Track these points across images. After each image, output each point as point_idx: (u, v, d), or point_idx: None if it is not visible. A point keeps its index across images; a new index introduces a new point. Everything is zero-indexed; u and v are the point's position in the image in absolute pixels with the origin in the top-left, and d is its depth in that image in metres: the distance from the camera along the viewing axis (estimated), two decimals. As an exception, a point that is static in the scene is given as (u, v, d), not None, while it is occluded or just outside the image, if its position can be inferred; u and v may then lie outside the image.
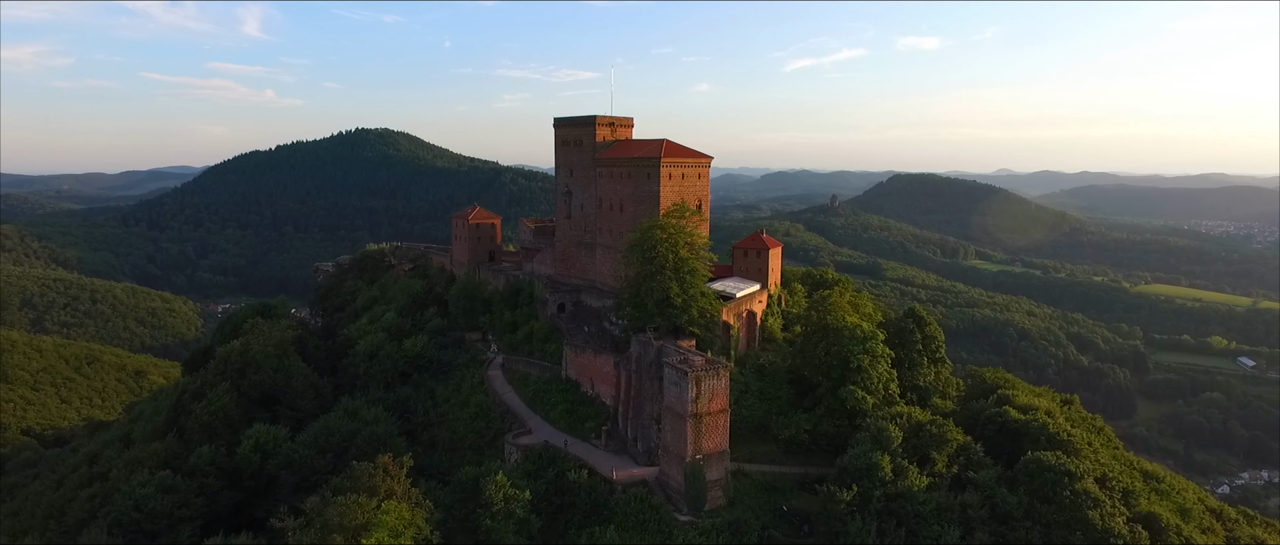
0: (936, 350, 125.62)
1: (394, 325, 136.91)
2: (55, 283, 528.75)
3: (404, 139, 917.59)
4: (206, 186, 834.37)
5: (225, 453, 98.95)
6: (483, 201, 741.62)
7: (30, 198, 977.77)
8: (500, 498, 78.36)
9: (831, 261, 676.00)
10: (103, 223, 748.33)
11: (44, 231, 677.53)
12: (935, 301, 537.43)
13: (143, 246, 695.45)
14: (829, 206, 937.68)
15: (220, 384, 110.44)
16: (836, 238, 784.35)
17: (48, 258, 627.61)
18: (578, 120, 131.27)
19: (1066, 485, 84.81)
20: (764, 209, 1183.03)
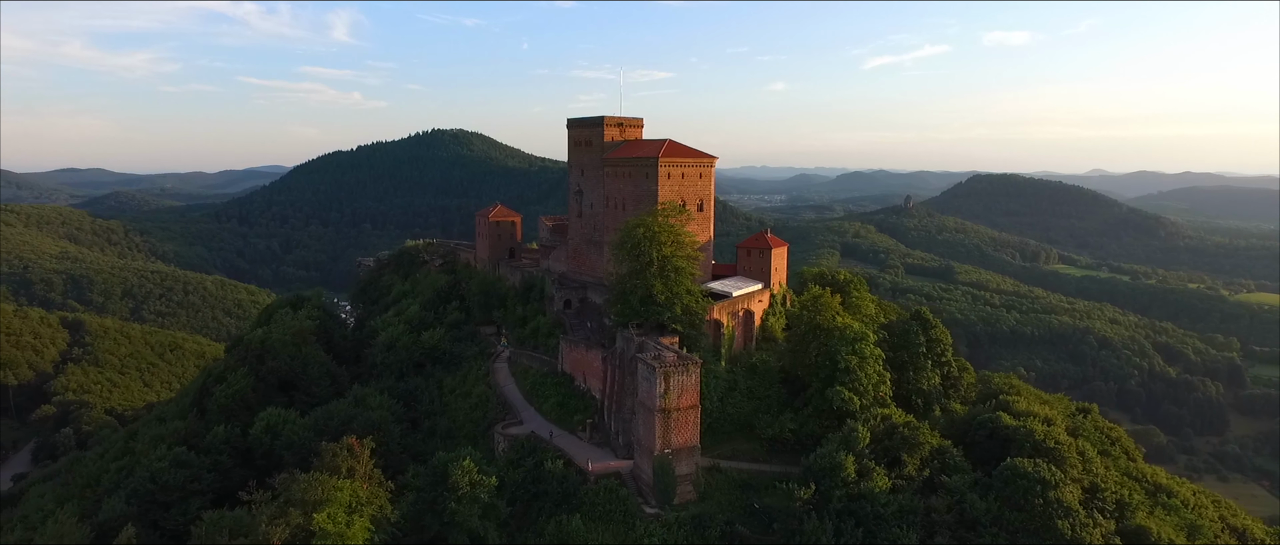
0: (942, 354, 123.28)
1: (416, 318, 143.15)
2: (152, 274, 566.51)
3: (478, 139, 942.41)
4: (292, 185, 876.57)
5: (240, 433, 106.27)
6: (551, 201, 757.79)
7: (138, 195, 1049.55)
8: (466, 482, 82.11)
9: (901, 264, 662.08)
10: (198, 219, 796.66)
11: (146, 227, 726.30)
12: (1009, 307, 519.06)
13: (233, 242, 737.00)
14: (902, 208, 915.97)
15: (240, 369, 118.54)
16: (909, 240, 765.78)
17: (148, 251, 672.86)
18: (587, 121, 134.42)
19: (1039, 493, 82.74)
20: (837, 210, 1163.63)
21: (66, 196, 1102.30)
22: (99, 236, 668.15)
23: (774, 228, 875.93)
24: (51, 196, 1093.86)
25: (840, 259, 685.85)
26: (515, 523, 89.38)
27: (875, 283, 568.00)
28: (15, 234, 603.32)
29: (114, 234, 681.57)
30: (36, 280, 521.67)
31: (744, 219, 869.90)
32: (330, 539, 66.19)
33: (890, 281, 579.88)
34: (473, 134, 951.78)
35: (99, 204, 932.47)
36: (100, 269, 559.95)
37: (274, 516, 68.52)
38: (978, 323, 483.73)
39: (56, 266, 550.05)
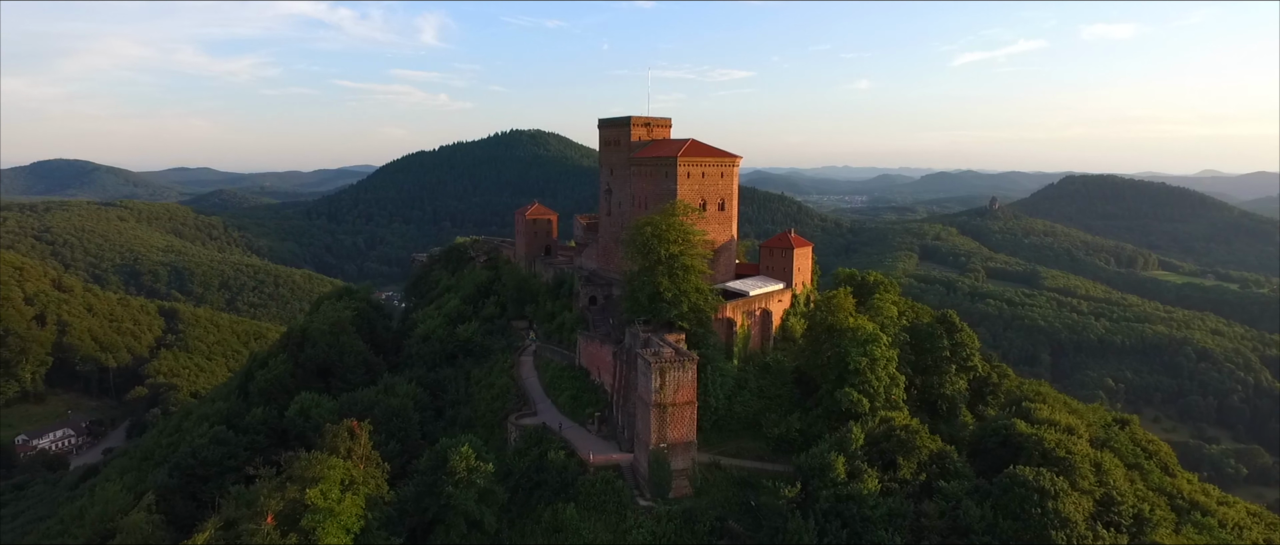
0: (968, 358, 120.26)
1: (455, 312, 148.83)
2: (246, 268, 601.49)
3: (554, 139, 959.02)
4: (378, 184, 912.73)
5: (277, 414, 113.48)
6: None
7: (238, 193, 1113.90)
8: (463, 467, 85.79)
9: (983, 268, 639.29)
10: (291, 216, 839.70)
11: (243, 223, 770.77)
12: (1099, 314, 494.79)
13: (322, 237, 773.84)
14: (987, 209, 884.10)
15: (280, 355, 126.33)
16: (992, 242, 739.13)
17: (245, 246, 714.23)
18: (616, 121, 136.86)
19: (1037, 503, 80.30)
20: (919, 211, 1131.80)
21: (177, 194, 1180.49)
22: (201, 231, 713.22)
23: (851, 229, 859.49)
24: (163, 194, 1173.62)
25: (918, 262, 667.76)
26: (517, 509, 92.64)
27: (953, 287, 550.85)
28: (128, 228, 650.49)
29: (215, 229, 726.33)
30: (144, 271, 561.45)
31: (820, 220, 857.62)
32: (320, 513, 70.82)
33: (969, 285, 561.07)
34: (549, 134, 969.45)
35: (204, 201, 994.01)
36: (201, 262, 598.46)
37: (273, 490, 73.79)
38: (1062, 330, 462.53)
39: (162, 259, 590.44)
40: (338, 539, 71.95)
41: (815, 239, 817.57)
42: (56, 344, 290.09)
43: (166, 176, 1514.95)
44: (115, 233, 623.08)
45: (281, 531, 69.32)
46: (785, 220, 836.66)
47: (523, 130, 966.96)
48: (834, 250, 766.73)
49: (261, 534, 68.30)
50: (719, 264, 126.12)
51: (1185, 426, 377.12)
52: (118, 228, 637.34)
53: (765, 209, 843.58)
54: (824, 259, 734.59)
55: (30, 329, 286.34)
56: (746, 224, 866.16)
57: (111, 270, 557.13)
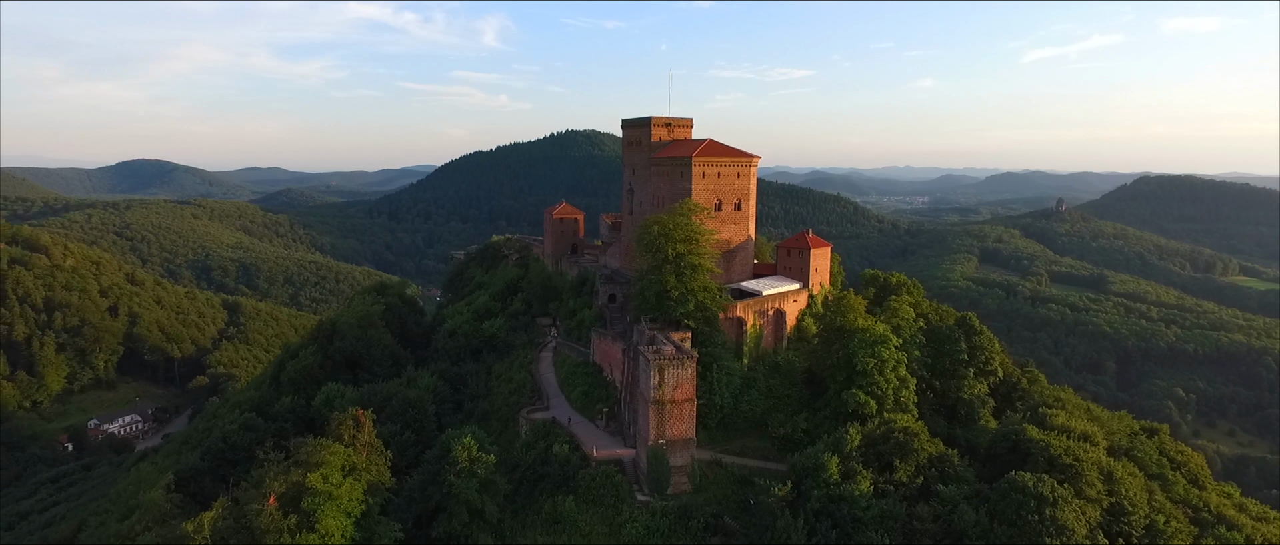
0: (987, 362, 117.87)
1: (483, 308, 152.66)
2: (309, 264, 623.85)
3: (609, 139, 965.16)
4: (437, 183, 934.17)
5: (304, 403, 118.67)
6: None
7: (305, 191, 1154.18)
8: (465, 458, 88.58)
9: (1046, 271, 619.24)
10: (353, 214, 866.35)
11: (309, 220, 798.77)
12: (1170, 321, 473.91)
13: (382, 235, 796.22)
14: (1052, 211, 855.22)
15: (310, 347, 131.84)
16: (1058, 245, 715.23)
17: (309, 243, 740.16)
18: (638, 121, 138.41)
19: (1033, 509, 78.71)
20: (982, 212, 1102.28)
21: (248, 192, 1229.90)
22: (268, 229, 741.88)
23: (909, 230, 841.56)
24: (236, 192, 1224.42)
25: (977, 265, 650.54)
26: (521, 500, 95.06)
27: (1013, 291, 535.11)
28: (201, 225, 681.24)
29: (281, 227, 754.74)
30: (215, 266, 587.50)
31: (877, 221, 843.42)
32: (319, 496, 74.40)
33: (1031, 290, 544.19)
34: (604, 134, 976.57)
35: (273, 199, 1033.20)
36: (267, 258, 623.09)
37: (279, 473, 77.82)
38: (1129, 337, 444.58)
39: (231, 255, 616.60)
40: (337, 522, 75.50)
41: (871, 240, 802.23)
42: (127, 334, 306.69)
43: (239, 176, 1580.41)
44: (189, 229, 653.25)
45: (283, 512, 73.15)
46: (841, 221, 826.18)
47: (578, 131, 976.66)
48: (890, 252, 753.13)
49: (265, 515, 72.23)
50: (735, 263, 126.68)
51: (1265, 441, 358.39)
52: (191, 224, 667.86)
53: (821, 209, 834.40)
54: (879, 260, 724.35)
55: (104, 320, 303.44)
56: (801, 224, 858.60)
57: (184, 265, 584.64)
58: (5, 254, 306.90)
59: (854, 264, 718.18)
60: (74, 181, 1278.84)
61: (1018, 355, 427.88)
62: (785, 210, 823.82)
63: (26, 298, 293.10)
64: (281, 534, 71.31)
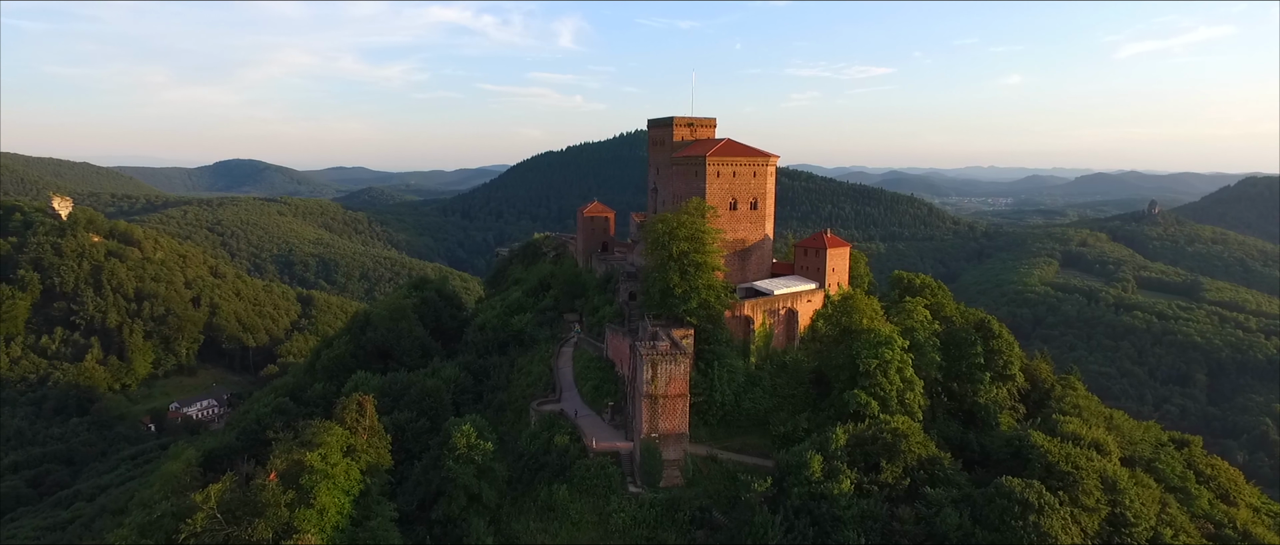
0: (1005, 366, 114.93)
1: (515, 304, 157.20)
2: (384, 260, 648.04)
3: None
4: (508, 183, 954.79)
5: (335, 390, 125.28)
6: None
7: (386, 190, 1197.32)
8: (463, 444, 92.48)
9: (1134, 277, 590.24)
10: (428, 213, 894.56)
11: (386, 218, 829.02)
12: (1270, 332, 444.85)
13: (455, 234, 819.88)
14: (1144, 214, 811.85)
15: (344, 337, 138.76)
16: (1148, 251, 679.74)
17: (385, 240, 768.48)
18: (661, 121, 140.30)
19: (1018, 515, 77.15)
20: (1069, 215, 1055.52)
21: (333, 191, 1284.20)
22: (348, 226, 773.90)
23: (986, 232, 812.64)
24: (321, 191, 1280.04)
25: (1058, 269, 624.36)
26: (521, 487, 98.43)
27: (1094, 297, 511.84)
28: (285, 222, 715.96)
29: (360, 224, 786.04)
30: (297, 261, 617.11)
31: (952, 223, 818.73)
32: (316, 473, 79.28)
33: (1114, 296, 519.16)
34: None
35: (355, 198, 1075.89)
36: (345, 254, 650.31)
37: (282, 452, 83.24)
38: (1223, 348, 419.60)
39: (312, 250, 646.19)
40: (334, 499, 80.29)
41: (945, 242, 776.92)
42: (208, 324, 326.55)
43: (325, 175, 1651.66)
44: (274, 225, 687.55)
45: (283, 488, 78.34)
46: (914, 223, 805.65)
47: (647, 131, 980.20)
48: (965, 255, 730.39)
49: (265, 489, 77.57)
50: (751, 262, 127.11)
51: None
52: (276, 221, 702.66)
53: (893, 211, 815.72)
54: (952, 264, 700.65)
55: (187, 310, 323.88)
56: (872, 226, 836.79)
57: (269, 260, 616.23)
58: (102, 247, 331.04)
59: (926, 266, 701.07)
60: (176, 180, 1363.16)
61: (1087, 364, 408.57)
62: (856, 211, 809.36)
63: (120, 288, 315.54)
64: (279, 508, 76.42)
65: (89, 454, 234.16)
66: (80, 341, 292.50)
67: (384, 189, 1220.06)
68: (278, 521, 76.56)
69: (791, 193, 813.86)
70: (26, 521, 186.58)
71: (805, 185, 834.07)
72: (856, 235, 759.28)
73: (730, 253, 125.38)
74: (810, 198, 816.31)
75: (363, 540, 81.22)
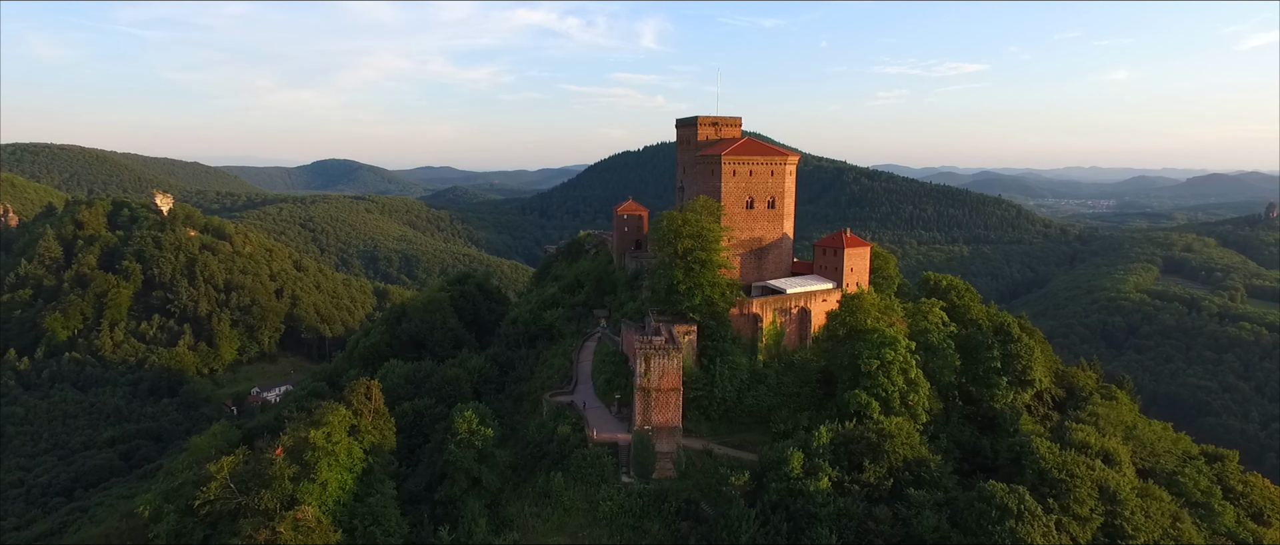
0: (1024, 371, 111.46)
1: (549, 298, 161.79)
2: (463, 257, 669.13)
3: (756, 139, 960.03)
4: (586, 182, 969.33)
5: (369, 376, 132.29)
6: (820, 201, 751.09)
7: (470, 189, 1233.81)
8: (465, 430, 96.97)
9: (1244, 285, 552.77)
10: (508, 211, 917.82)
11: (467, 216, 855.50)
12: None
13: (533, 232, 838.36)
14: (1261, 218, 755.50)
15: (380, 326, 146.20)
16: (1263, 257, 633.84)
17: (466, 237, 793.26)
18: (687, 120, 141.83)
19: (995, 520, 75.61)
20: (1177, 218, 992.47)
21: (421, 190, 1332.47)
22: (430, 224, 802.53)
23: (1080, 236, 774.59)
24: (409, 189, 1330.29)
25: (1158, 276, 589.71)
26: (524, 473, 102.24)
27: (1196, 306, 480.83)
28: (372, 219, 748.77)
29: (442, 222, 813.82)
30: (381, 256, 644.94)
31: (1042, 226, 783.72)
32: (319, 450, 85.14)
33: (1219, 305, 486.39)
34: (749, 133, 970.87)
35: (441, 197, 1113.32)
36: (427, 250, 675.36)
37: (292, 430, 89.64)
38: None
39: (396, 247, 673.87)
40: (336, 475, 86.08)
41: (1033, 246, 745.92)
42: (288, 314, 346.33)
43: (414, 174, 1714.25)
44: (361, 222, 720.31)
45: (289, 462, 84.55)
46: (1001, 225, 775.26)
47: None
48: (1054, 259, 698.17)
49: (272, 464, 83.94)
50: (768, 260, 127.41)
51: None
52: (364, 219, 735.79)
53: (978, 212, 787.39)
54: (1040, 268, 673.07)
55: (271, 301, 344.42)
56: (954, 228, 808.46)
57: (355, 255, 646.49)
58: (197, 241, 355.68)
59: (1011, 271, 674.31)
60: (278, 179, 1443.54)
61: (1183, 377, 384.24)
62: (939, 213, 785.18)
63: (211, 279, 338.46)
64: (284, 481, 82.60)
65: (175, 432, 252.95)
66: (174, 328, 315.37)
67: (468, 188, 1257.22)
68: (282, 493, 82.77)
69: (871, 194, 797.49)
70: (115, 489, 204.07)
71: (885, 186, 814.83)
72: (939, 238, 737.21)
73: (746, 251, 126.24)
74: (890, 199, 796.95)
75: (361, 514, 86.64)
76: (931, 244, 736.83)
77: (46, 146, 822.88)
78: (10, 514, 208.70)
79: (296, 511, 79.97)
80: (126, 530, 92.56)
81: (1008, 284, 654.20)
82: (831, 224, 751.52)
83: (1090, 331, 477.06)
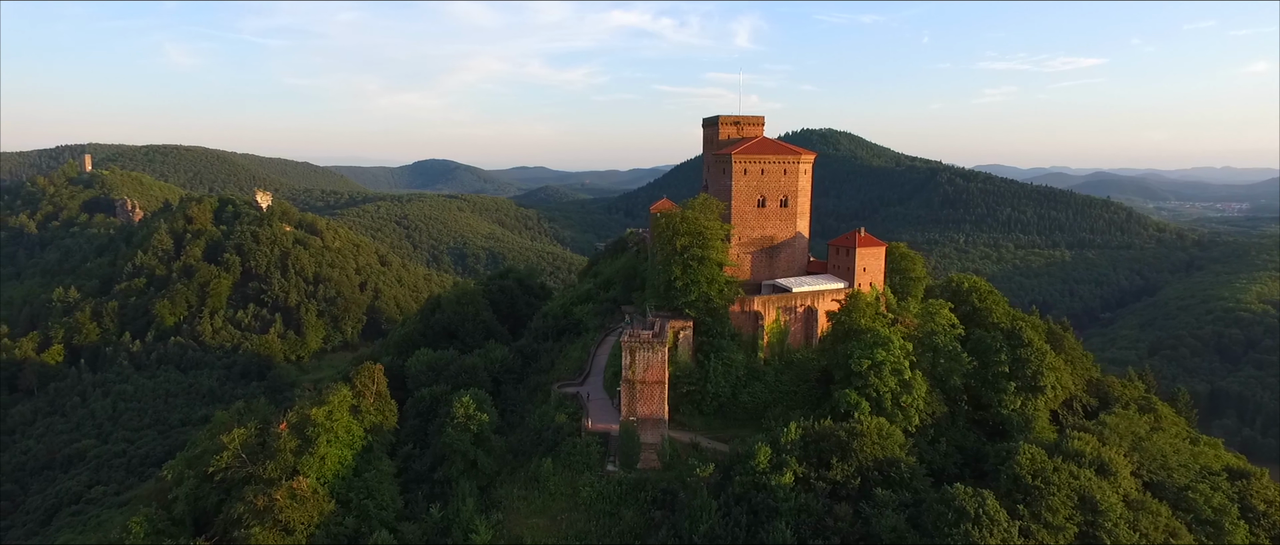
0: (1034, 376, 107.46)
1: (582, 294, 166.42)
2: (547, 255, 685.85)
3: (845, 138, 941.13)
4: (671, 182, 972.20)
5: (401, 363, 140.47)
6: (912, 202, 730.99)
7: (561, 189, 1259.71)
8: (462, 414, 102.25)
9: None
10: (594, 211, 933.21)
11: (554, 215, 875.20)
12: None
13: (617, 230, 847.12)
14: None
15: (416, 317, 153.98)
16: None
17: (552, 236, 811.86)
18: (711, 120, 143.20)
19: (952, 523, 74.31)
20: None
21: (515, 189, 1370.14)
22: (518, 222, 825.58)
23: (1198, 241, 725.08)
24: (504, 189, 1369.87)
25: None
26: (521, 458, 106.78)
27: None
28: (463, 217, 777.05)
29: (530, 220, 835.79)
30: (469, 253, 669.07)
31: (1155, 230, 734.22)
32: (318, 426, 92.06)
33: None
34: (841, 133, 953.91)
35: (532, 196, 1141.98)
36: (513, 248, 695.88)
37: (297, 407, 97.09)
38: None
39: (484, 244, 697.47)
40: (334, 450, 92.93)
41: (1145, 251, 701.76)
42: (370, 306, 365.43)
43: (509, 174, 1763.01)
44: (453, 220, 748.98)
45: (293, 436, 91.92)
46: (1109, 229, 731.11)
47: (814, 130, 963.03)
48: (1168, 266, 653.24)
49: (279, 438, 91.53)
50: (779, 259, 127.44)
51: None
52: (455, 216, 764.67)
53: (1083, 215, 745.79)
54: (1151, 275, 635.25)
55: (355, 293, 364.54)
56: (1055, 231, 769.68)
57: (445, 251, 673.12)
58: (291, 236, 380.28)
59: (1119, 277, 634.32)
60: (382, 178, 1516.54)
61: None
62: (1040, 215, 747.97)
63: (301, 271, 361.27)
64: (286, 453, 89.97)
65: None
66: (267, 317, 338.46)
67: (559, 188, 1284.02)
68: (285, 464, 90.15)
69: (966, 195, 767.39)
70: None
71: (982, 187, 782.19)
72: (1038, 242, 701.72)
73: (757, 249, 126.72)
74: (987, 200, 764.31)
75: (357, 488, 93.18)
76: (1030, 248, 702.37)
77: (175, 148, 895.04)
78: (113, 481, 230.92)
79: (293, 481, 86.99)
80: (155, 492, 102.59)
81: (1114, 291, 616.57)
82: (922, 226, 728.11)
83: (1202, 344, 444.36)
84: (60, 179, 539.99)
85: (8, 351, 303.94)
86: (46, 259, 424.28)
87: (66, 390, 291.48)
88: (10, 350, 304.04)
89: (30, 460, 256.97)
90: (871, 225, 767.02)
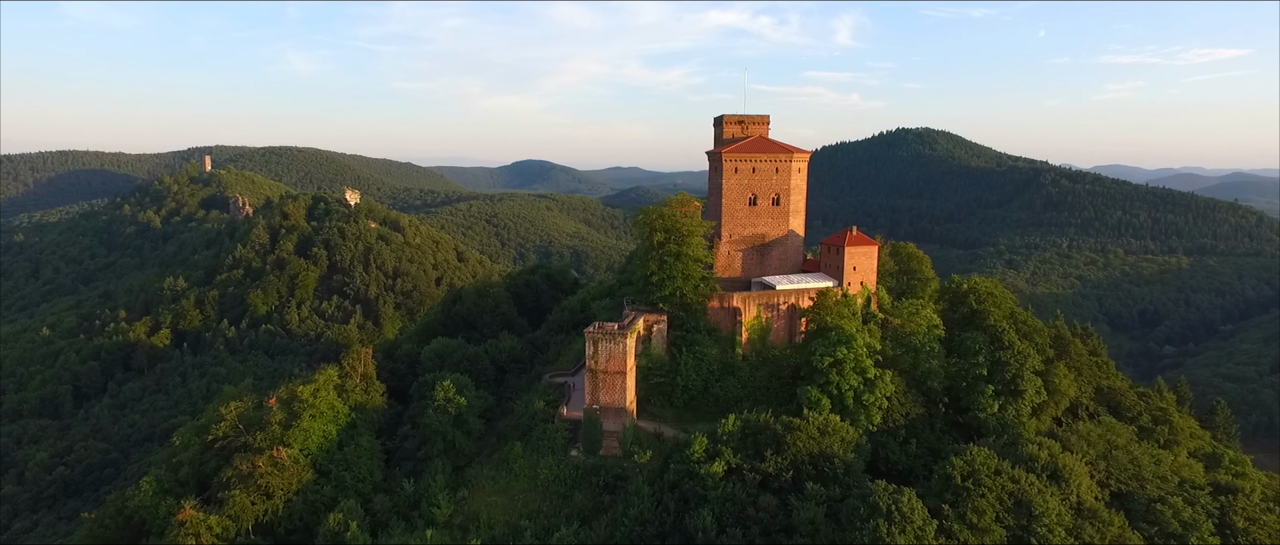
0: (1014, 379, 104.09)
1: (605, 289, 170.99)
2: (626, 253, 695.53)
3: (943, 138, 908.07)
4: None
5: (419, 350, 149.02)
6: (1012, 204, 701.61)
7: (652, 189, 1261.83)
8: (442, 397, 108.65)
9: None
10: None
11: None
12: None
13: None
14: None
15: (438, 307, 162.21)
16: None
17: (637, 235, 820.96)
18: (719, 119, 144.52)
19: (864, 517, 74.30)
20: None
21: (608, 189, 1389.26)
22: (604, 221, 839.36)
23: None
24: (597, 189, 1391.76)
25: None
26: (500, 441, 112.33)
27: None
28: (551, 216, 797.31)
29: (615, 219, 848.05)
30: (554, 251, 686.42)
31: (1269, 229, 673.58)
32: (303, 402, 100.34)
33: None
34: (938, 132, 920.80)
35: (623, 196, 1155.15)
36: (596, 246, 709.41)
37: (288, 384, 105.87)
38: None
39: (568, 242, 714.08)
40: (318, 424, 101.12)
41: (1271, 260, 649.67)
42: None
43: (604, 174, 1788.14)
44: (541, 219, 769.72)
45: (281, 410, 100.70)
46: (1232, 234, 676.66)
47: (909, 129, 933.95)
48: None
49: (270, 411, 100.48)
50: (771, 257, 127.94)
51: None
52: (543, 215, 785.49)
53: (1205, 219, 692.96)
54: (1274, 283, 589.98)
55: (430, 287, 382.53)
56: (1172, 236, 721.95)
57: (531, 249, 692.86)
58: (375, 232, 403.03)
59: (1244, 287, 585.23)
60: (480, 178, 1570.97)
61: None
62: (1154, 219, 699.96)
63: (382, 266, 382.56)
64: (274, 426, 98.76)
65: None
66: (348, 308, 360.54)
67: (651, 188, 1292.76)
68: (272, 436, 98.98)
69: (1072, 197, 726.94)
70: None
71: (1089, 189, 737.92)
72: (1152, 247, 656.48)
73: (748, 247, 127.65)
74: (1094, 203, 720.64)
75: (338, 460, 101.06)
76: (1142, 254, 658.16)
77: (289, 149, 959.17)
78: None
79: (274, 450, 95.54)
80: (167, 456, 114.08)
81: (1238, 302, 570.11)
82: (1021, 230, 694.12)
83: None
84: (183, 178, 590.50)
85: (124, 335, 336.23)
86: (165, 251, 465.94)
87: (170, 371, 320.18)
88: (125, 333, 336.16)
89: (135, 433, 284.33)
90: (964, 228, 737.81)
